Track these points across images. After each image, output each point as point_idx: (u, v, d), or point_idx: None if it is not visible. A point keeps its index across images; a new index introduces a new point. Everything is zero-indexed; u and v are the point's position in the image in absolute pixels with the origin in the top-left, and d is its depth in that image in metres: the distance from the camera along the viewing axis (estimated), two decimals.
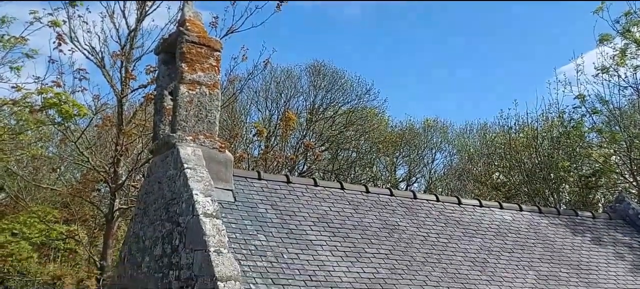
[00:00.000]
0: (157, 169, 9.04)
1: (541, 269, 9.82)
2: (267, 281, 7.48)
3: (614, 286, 10.11)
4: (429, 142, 35.26)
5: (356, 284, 8.02)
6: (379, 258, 8.68)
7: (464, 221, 10.45)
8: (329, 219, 9.13)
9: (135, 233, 9.39)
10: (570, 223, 11.61)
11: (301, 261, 8.04)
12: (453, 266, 9.13)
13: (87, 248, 18.66)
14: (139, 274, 8.89)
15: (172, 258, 8.00)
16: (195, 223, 7.58)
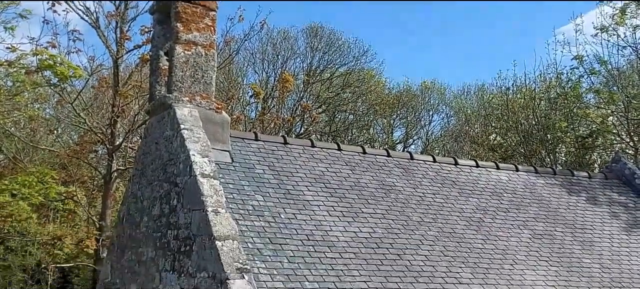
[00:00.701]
0: (154, 130, 9.04)
1: (536, 229, 9.93)
2: (264, 241, 7.55)
3: (609, 245, 10.23)
4: (426, 104, 35.24)
5: (353, 243, 8.10)
6: (375, 218, 8.76)
7: (460, 181, 10.51)
8: (326, 179, 9.18)
9: (133, 193, 9.43)
10: (566, 182, 11.69)
11: (298, 220, 8.11)
12: (449, 226, 9.22)
13: (86, 209, 18.75)
14: (137, 234, 8.96)
15: (170, 217, 8.06)
16: (193, 183, 7.61)
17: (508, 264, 8.81)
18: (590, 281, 9.07)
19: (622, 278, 9.45)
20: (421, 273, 8.01)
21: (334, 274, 7.45)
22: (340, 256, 7.79)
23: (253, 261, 7.13)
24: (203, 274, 7.07)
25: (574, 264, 9.38)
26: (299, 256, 7.52)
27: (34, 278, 19.81)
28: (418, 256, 8.32)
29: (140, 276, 8.65)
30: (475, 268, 8.48)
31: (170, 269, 7.83)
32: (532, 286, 8.51)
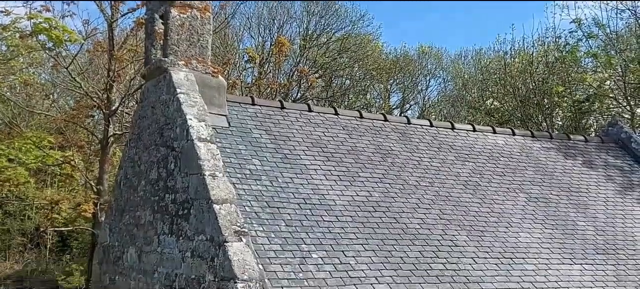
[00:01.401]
0: (150, 94, 9.00)
1: (532, 192, 9.99)
2: (262, 204, 7.59)
3: (603, 208, 10.31)
4: (423, 69, 35.10)
5: (350, 206, 8.15)
6: (372, 182, 8.80)
7: (456, 145, 10.53)
8: (323, 144, 9.19)
9: (130, 157, 9.44)
10: (562, 146, 11.73)
11: (295, 184, 8.14)
12: (445, 189, 9.27)
13: (84, 173, 18.79)
14: (135, 198, 9.00)
15: (167, 181, 8.09)
16: (190, 147, 7.62)
17: (503, 227, 8.89)
18: (585, 243, 9.17)
19: (616, 240, 9.55)
20: (417, 236, 8.09)
21: (331, 237, 7.52)
22: (337, 219, 7.85)
23: (251, 225, 7.18)
24: (201, 237, 7.13)
25: (569, 226, 9.47)
26: (296, 220, 7.57)
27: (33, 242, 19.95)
28: (414, 219, 8.38)
29: (138, 239, 8.72)
30: (471, 231, 8.56)
31: (169, 233, 7.89)
32: (526, 248, 8.60)
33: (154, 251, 8.22)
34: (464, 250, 8.13)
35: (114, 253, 9.56)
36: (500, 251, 8.35)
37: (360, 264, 7.27)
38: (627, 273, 8.83)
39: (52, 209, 17.22)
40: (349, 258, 7.31)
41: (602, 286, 8.37)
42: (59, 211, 17.61)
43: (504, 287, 7.69)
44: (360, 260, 7.33)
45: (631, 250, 9.43)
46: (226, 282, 6.47)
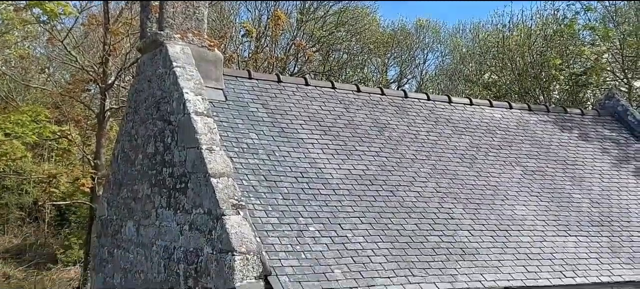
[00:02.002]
0: (146, 68, 8.97)
1: (527, 165, 10.04)
2: (259, 178, 7.62)
3: (599, 181, 10.37)
4: (421, 42, 34.96)
5: (346, 180, 8.19)
6: (369, 156, 8.82)
7: (453, 119, 10.55)
8: (320, 118, 9.19)
9: (127, 131, 9.44)
10: (558, 120, 11.75)
11: (292, 158, 8.16)
12: (442, 163, 9.30)
13: (81, 148, 18.79)
14: (133, 172, 9.02)
15: (164, 155, 8.10)
16: (187, 121, 7.61)
17: (499, 199, 8.95)
18: (580, 216, 9.25)
19: (611, 212, 9.63)
20: (413, 209, 8.14)
21: (328, 210, 7.56)
22: (334, 192, 7.89)
23: (248, 198, 7.22)
24: (199, 211, 7.16)
25: (564, 199, 9.53)
26: (293, 193, 7.61)
27: (32, 216, 20.02)
28: (411, 192, 8.43)
29: (136, 213, 8.76)
30: (467, 204, 8.61)
31: (166, 206, 7.92)
32: (522, 220, 8.67)
33: (152, 224, 8.26)
34: (460, 223, 8.19)
35: (112, 226, 9.60)
36: (496, 224, 8.42)
37: (357, 237, 7.32)
38: (621, 244, 8.92)
39: (49, 183, 17.27)
40: (345, 230, 7.36)
41: (597, 257, 8.46)
42: (56, 185, 17.65)
43: (499, 258, 7.77)
44: (357, 233, 7.39)
45: (626, 222, 9.51)
46: (224, 254, 6.52)
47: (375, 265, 7.02)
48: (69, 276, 16.85)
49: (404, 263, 7.19)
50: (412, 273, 7.09)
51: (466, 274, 7.35)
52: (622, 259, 8.62)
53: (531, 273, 7.76)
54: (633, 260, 8.67)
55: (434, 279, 7.13)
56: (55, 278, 16.44)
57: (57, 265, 17.54)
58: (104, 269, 9.76)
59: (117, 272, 9.22)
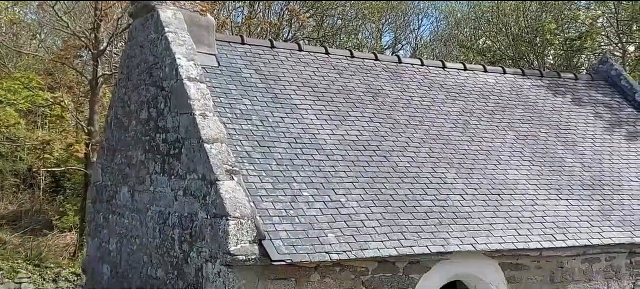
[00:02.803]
0: (138, 33, 8.90)
1: (520, 130, 10.08)
2: (252, 143, 7.64)
3: (591, 145, 10.44)
4: (416, 8, 34.67)
5: (340, 146, 8.21)
6: (362, 121, 8.84)
7: (447, 84, 10.54)
8: (314, 83, 9.17)
9: (120, 97, 9.41)
10: (552, 84, 11.76)
11: (286, 124, 8.17)
12: (435, 128, 9.33)
13: (74, 114, 18.72)
14: (126, 138, 9.02)
15: (158, 121, 8.09)
16: (179, 87, 7.59)
17: (492, 164, 9.01)
18: (571, 179, 9.33)
19: (603, 176, 9.71)
20: (407, 174, 8.19)
21: (321, 176, 7.60)
22: (328, 158, 7.92)
23: (242, 164, 7.24)
24: (193, 176, 7.19)
25: (556, 163, 9.60)
26: (287, 159, 7.63)
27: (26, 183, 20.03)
28: (404, 157, 8.47)
29: (131, 178, 8.78)
30: (460, 169, 8.67)
31: (160, 172, 7.95)
32: (514, 184, 8.74)
33: (146, 190, 8.30)
34: (452, 187, 8.26)
35: (106, 192, 9.64)
36: (488, 188, 8.49)
37: (350, 202, 7.38)
38: (611, 208, 9.02)
39: (43, 149, 17.24)
40: (339, 195, 7.41)
41: (587, 220, 8.56)
42: (50, 152, 17.64)
43: (491, 222, 7.85)
44: (350, 198, 7.44)
45: (617, 186, 9.60)
46: (218, 219, 6.57)
47: (368, 229, 7.09)
48: (65, 242, 16.95)
49: (396, 227, 7.26)
50: (405, 237, 7.17)
51: (458, 238, 7.44)
52: (613, 222, 8.72)
53: (522, 236, 7.85)
54: (623, 223, 8.78)
55: (426, 242, 7.22)
56: (51, 243, 16.52)
57: (53, 231, 17.61)
58: (99, 234, 9.82)
59: (112, 237, 9.29)
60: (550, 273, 8.09)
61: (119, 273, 9.01)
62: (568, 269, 8.21)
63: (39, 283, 13.51)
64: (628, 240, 8.52)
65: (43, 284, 13.54)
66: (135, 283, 8.47)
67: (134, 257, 8.53)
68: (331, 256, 6.61)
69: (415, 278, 7.27)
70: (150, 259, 8.09)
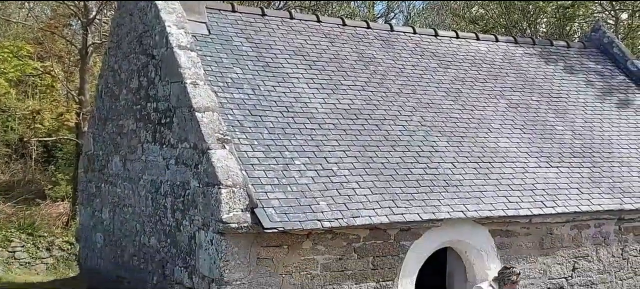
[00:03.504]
0: (128, 1, 8.80)
1: (512, 98, 10.09)
2: (244, 112, 7.62)
3: (582, 112, 10.48)
4: None
5: (332, 115, 8.21)
6: (354, 90, 8.82)
7: (439, 52, 10.51)
8: (305, 52, 9.13)
9: (110, 66, 9.34)
10: (544, 52, 11.75)
11: (278, 93, 8.15)
12: (427, 96, 9.33)
13: (64, 84, 18.58)
14: (117, 107, 8.98)
15: (149, 90, 8.05)
16: (170, 55, 7.54)
17: (483, 132, 9.04)
18: (562, 147, 9.38)
19: (593, 143, 9.77)
20: (398, 142, 8.21)
21: (313, 144, 7.61)
22: (320, 127, 7.92)
23: (233, 132, 7.24)
24: (184, 145, 7.19)
25: (547, 131, 9.65)
26: (279, 127, 7.63)
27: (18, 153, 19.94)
28: (396, 126, 8.48)
29: (122, 148, 8.77)
30: (451, 137, 8.70)
31: (152, 141, 7.94)
32: (505, 152, 8.79)
33: (138, 159, 8.29)
34: (444, 155, 8.29)
35: (98, 161, 9.63)
36: (480, 156, 8.53)
37: (342, 170, 7.41)
38: (601, 175, 9.10)
39: (34, 119, 17.13)
40: (331, 164, 7.44)
41: (577, 187, 8.64)
42: (41, 121, 17.53)
43: (481, 190, 7.91)
44: (342, 166, 7.47)
45: (607, 153, 9.67)
46: (211, 188, 6.59)
47: (360, 197, 7.13)
48: (58, 211, 16.96)
49: (388, 195, 7.30)
50: (396, 205, 7.22)
51: (449, 205, 7.50)
52: (602, 189, 8.80)
53: (512, 203, 7.92)
54: (613, 190, 8.87)
55: (418, 210, 7.27)
56: (44, 213, 16.52)
57: (46, 200, 17.61)
58: (92, 203, 9.84)
59: (105, 206, 9.31)
60: (540, 239, 8.19)
61: (112, 241, 9.06)
62: (557, 236, 8.31)
63: (32, 251, 13.55)
64: (617, 207, 8.61)
65: (36, 252, 13.59)
66: (129, 250, 8.53)
67: (127, 225, 8.57)
68: (323, 224, 6.66)
69: (407, 245, 7.35)
70: (143, 228, 8.13)
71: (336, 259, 6.98)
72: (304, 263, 6.82)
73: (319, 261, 6.90)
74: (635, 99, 11.38)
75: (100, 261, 9.48)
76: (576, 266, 8.46)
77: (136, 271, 8.29)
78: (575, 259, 8.46)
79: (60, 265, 13.61)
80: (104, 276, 9.20)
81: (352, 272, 7.06)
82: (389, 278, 7.25)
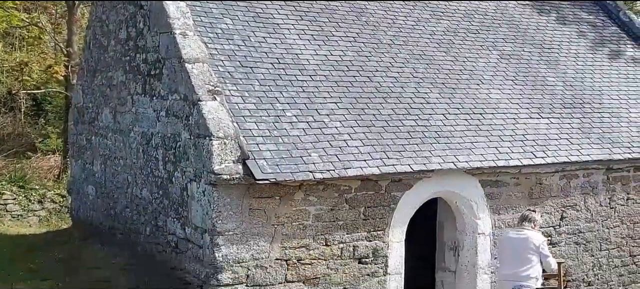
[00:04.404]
0: None
1: (504, 49, 10.05)
2: (235, 64, 7.56)
3: (574, 63, 10.47)
4: None
5: (323, 66, 8.16)
6: (346, 41, 8.74)
7: (432, 3, 10.39)
8: (296, 2, 9.00)
9: (98, 17, 9.20)
10: (537, 3, 11.65)
11: (268, 44, 8.07)
12: (419, 48, 9.27)
13: (52, 36, 18.30)
14: (106, 58, 8.88)
15: (137, 41, 7.95)
16: (158, 5, 7.42)
17: (474, 84, 9.03)
18: (553, 98, 9.40)
19: (584, 94, 9.80)
20: (390, 94, 8.19)
21: (304, 96, 7.58)
22: (311, 79, 7.88)
23: (224, 84, 7.19)
24: (175, 97, 7.14)
25: (539, 82, 9.65)
26: (270, 79, 7.59)
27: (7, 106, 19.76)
28: (387, 78, 8.45)
29: (112, 100, 8.71)
30: (443, 88, 8.69)
31: (142, 93, 7.88)
32: (496, 104, 8.80)
33: (128, 111, 8.25)
34: (435, 107, 8.30)
35: (88, 114, 9.57)
36: (471, 108, 8.54)
37: (334, 122, 7.41)
38: (591, 126, 9.15)
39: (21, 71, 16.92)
40: (322, 116, 7.43)
41: (567, 138, 8.70)
42: (29, 73, 17.32)
43: (472, 141, 7.95)
44: (333, 118, 7.46)
45: (597, 104, 9.71)
46: (202, 139, 6.58)
47: (351, 149, 7.15)
48: (49, 164, 16.92)
49: (379, 147, 7.33)
50: (388, 156, 7.25)
51: (440, 156, 7.54)
52: (592, 140, 8.87)
53: (503, 153, 7.98)
54: (602, 140, 8.94)
55: (409, 161, 7.31)
56: (35, 166, 16.48)
57: (37, 154, 17.55)
58: (83, 155, 9.83)
59: (96, 158, 9.30)
60: (529, 189, 8.28)
61: (104, 193, 9.08)
62: (546, 186, 8.40)
63: (24, 204, 13.57)
64: (606, 157, 8.70)
65: (28, 205, 13.61)
66: (121, 202, 8.56)
67: (119, 178, 8.58)
68: (315, 175, 6.69)
69: (398, 195, 7.41)
70: (134, 180, 8.14)
71: (328, 210, 7.04)
72: (296, 213, 6.87)
73: (311, 212, 6.95)
74: (626, 50, 11.38)
75: (92, 213, 9.52)
76: (564, 215, 8.58)
77: (129, 222, 8.34)
78: (564, 209, 8.57)
79: (52, 217, 13.66)
80: (96, 228, 9.25)
81: (343, 222, 7.14)
82: (380, 227, 7.34)
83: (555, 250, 8.49)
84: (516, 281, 6.51)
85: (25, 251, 9.54)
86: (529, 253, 6.51)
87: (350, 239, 7.17)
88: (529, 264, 6.50)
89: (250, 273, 6.66)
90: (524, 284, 6.50)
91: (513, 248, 6.60)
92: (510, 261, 6.59)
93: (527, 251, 6.52)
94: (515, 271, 6.51)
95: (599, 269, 8.94)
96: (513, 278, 6.53)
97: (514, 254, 6.57)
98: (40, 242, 10.08)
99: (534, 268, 6.53)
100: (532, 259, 6.52)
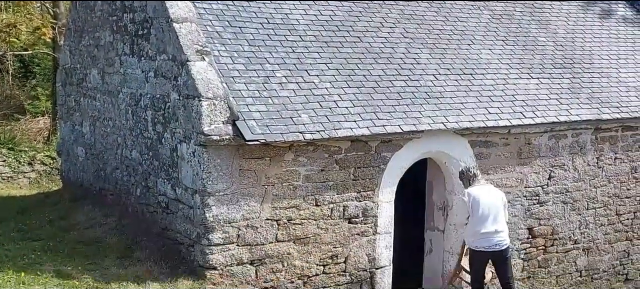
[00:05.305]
0: None
1: (496, 9, 9.98)
2: (223, 23, 7.48)
3: (565, 24, 10.43)
4: None
5: (313, 26, 8.09)
6: (336, 1, 8.64)
7: None
8: None
9: None
10: None
11: (257, 3, 7.97)
12: (410, 9, 9.19)
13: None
14: (93, 18, 8.76)
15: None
16: None
17: (465, 44, 8.99)
18: (543, 58, 9.39)
19: (574, 54, 9.79)
20: (380, 55, 8.15)
21: (294, 57, 7.53)
22: (301, 39, 7.82)
23: (213, 44, 7.12)
24: (163, 57, 7.08)
25: (529, 42, 9.62)
26: (259, 39, 7.52)
27: None
28: (378, 38, 8.40)
29: (100, 60, 8.63)
30: (433, 49, 8.65)
31: (130, 53, 7.80)
32: (487, 64, 8.79)
33: (116, 72, 8.17)
34: (425, 68, 8.27)
35: (76, 75, 9.48)
36: (461, 68, 8.52)
37: (324, 83, 7.38)
38: (581, 86, 9.17)
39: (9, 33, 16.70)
40: (312, 76, 7.39)
41: (557, 98, 8.72)
42: (17, 35, 17.10)
43: (462, 101, 7.95)
44: (323, 79, 7.43)
45: (587, 64, 9.71)
46: (191, 100, 6.55)
47: (341, 109, 7.14)
48: (38, 127, 16.84)
49: (369, 107, 7.32)
50: (378, 117, 7.25)
51: (430, 117, 7.55)
52: (581, 100, 8.90)
53: (492, 114, 8.00)
54: (591, 100, 8.97)
55: (399, 122, 7.32)
56: (25, 128, 16.41)
57: (26, 116, 17.44)
58: (71, 117, 9.77)
59: (85, 120, 9.25)
60: (518, 149, 8.33)
61: (93, 154, 9.06)
62: (535, 146, 8.45)
63: (14, 166, 13.54)
64: (595, 117, 8.74)
65: (19, 167, 13.57)
66: (111, 164, 8.55)
67: (108, 139, 8.55)
68: (305, 135, 6.70)
69: (387, 156, 7.44)
70: (124, 141, 8.12)
71: (318, 170, 7.06)
72: (286, 174, 6.90)
73: (301, 173, 6.98)
74: (618, 10, 11.33)
75: (82, 174, 9.51)
76: (552, 175, 8.65)
77: (119, 183, 8.34)
78: (552, 168, 8.64)
79: (43, 179, 13.65)
80: (87, 189, 9.25)
81: (334, 183, 7.17)
82: (370, 188, 7.38)
83: (542, 209, 8.61)
84: (498, 235, 6.87)
85: (16, 212, 9.54)
86: (503, 209, 7.01)
87: (340, 200, 7.22)
88: (504, 218, 7.01)
89: (240, 233, 6.71)
90: (505, 237, 6.94)
91: (491, 205, 6.90)
92: (491, 218, 6.86)
93: (502, 207, 6.99)
94: (495, 228, 6.86)
95: (585, 227, 9.06)
96: (495, 234, 6.87)
97: (493, 210, 6.88)
98: (31, 203, 10.08)
99: (505, 222, 7.03)
100: (504, 213, 7.05)
